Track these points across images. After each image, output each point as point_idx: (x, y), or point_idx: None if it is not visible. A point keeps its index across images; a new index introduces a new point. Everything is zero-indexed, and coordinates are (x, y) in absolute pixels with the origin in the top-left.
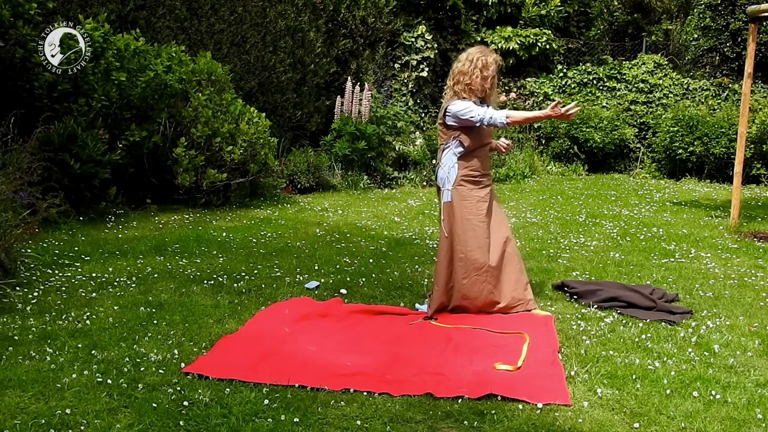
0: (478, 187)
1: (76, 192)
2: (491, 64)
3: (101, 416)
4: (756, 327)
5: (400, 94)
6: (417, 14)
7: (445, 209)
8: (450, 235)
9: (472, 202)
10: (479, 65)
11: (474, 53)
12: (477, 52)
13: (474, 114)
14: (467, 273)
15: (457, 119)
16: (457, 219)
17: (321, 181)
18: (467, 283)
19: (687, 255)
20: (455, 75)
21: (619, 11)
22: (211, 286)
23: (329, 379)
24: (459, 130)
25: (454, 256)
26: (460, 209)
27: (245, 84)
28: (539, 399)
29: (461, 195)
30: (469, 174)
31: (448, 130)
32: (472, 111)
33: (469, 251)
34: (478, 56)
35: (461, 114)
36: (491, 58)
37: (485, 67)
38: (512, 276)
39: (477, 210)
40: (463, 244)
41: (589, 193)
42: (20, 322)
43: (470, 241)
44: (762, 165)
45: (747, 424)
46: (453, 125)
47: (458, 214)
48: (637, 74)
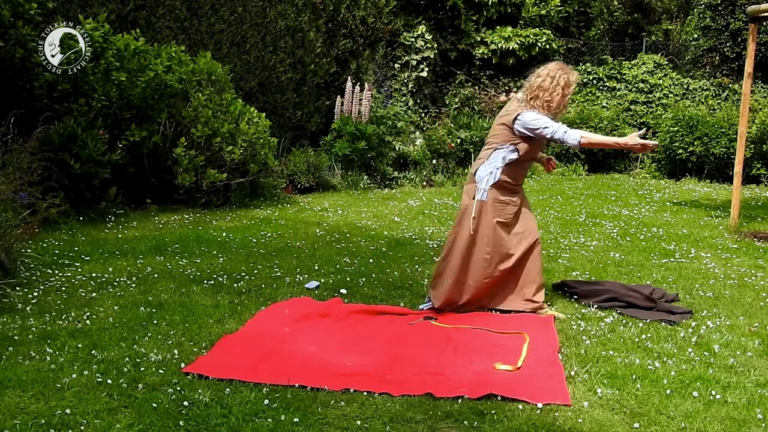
0: (512, 193)
1: (76, 192)
2: (573, 84)
3: (101, 416)
4: (756, 327)
5: (400, 94)
6: (417, 14)
7: (477, 207)
8: (475, 233)
9: (505, 205)
10: (561, 83)
11: (556, 70)
12: (559, 69)
13: (548, 128)
14: (489, 274)
15: (526, 128)
16: (487, 219)
17: (321, 181)
18: (488, 283)
19: (687, 255)
20: (534, 90)
21: (619, 11)
22: (211, 286)
23: (329, 379)
24: (521, 138)
25: (475, 255)
26: (493, 210)
27: (245, 84)
28: (539, 399)
29: (496, 197)
30: (508, 181)
31: (512, 135)
32: (546, 124)
33: (494, 252)
34: (560, 74)
35: (533, 125)
36: (573, 77)
37: (567, 85)
38: (528, 278)
39: (506, 214)
40: (490, 245)
41: (589, 193)
42: (20, 322)
43: (498, 243)
44: (762, 165)
45: (747, 424)
46: (519, 132)
47: (490, 214)
48: (637, 74)
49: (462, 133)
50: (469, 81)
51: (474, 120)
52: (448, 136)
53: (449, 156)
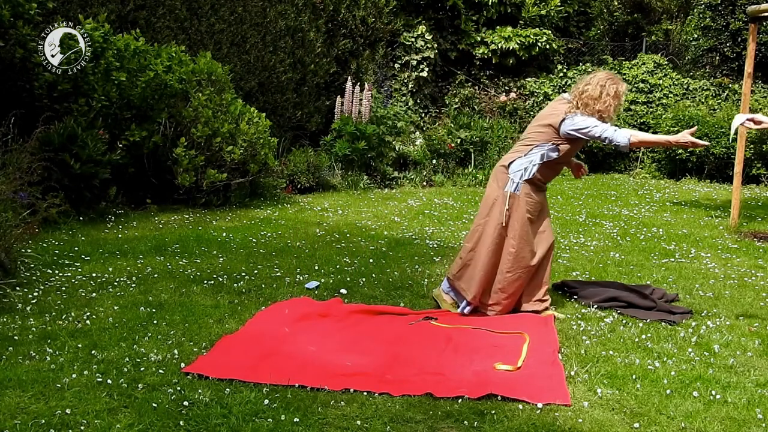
0: (540, 192)
1: (76, 192)
2: (622, 94)
3: (101, 416)
4: (756, 327)
5: (400, 94)
6: (417, 14)
7: (510, 200)
8: (506, 225)
9: (535, 200)
10: (611, 93)
11: (605, 80)
12: (608, 79)
13: (597, 126)
14: (513, 268)
15: (574, 129)
16: (519, 213)
17: (321, 181)
18: (510, 278)
19: (687, 255)
20: (583, 98)
21: (619, 11)
22: (211, 286)
23: (329, 379)
24: (564, 139)
25: (503, 247)
26: (525, 204)
27: (245, 84)
28: (539, 399)
29: (528, 192)
30: (540, 179)
31: (556, 135)
32: (596, 123)
33: (520, 247)
34: (609, 84)
35: (582, 125)
36: (623, 88)
37: (617, 95)
38: (545, 278)
39: (535, 210)
40: (517, 239)
41: (589, 193)
42: (20, 322)
43: (525, 238)
44: (762, 165)
45: (747, 424)
46: (565, 133)
47: (522, 208)
48: (637, 74)
49: (462, 133)
50: (469, 81)
51: (474, 120)
52: (448, 136)
53: (449, 156)
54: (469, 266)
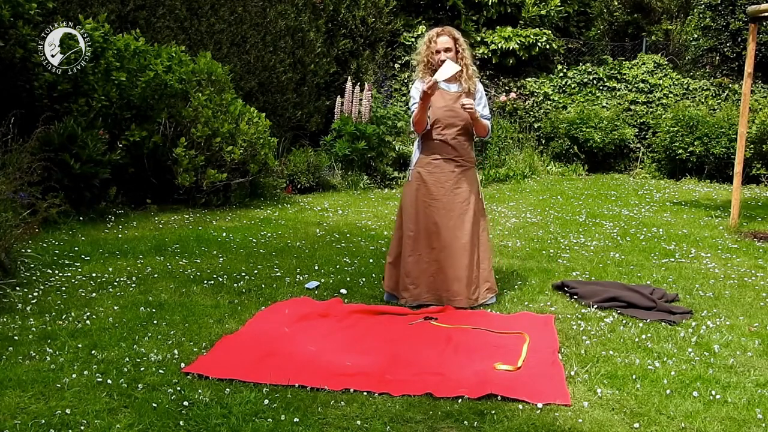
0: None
1: (76, 192)
2: (431, 39)
3: (101, 416)
4: (756, 327)
5: (400, 94)
6: (417, 14)
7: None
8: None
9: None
10: (425, 41)
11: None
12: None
13: (411, 102)
14: (411, 251)
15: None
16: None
17: (321, 181)
18: (411, 261)
19: (687, 255)
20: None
21: (619, 11)
22: (211, 286)
23: (329, 379)
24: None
25: (402, 233)
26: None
27: (245, 84)
28: (539, 399)
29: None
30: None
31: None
32: (412, 98)
33: (409, 231)
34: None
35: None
36: (431, 32)
37: (428, 41)
38: (465, 267)
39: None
40: (412, 222)
41: (589, 193)
42: (20, 322)
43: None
44: (762, 165)
45: (747, 424)
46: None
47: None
48: (637, 74)
49: None
50: None
51: None
52: None
53: None
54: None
